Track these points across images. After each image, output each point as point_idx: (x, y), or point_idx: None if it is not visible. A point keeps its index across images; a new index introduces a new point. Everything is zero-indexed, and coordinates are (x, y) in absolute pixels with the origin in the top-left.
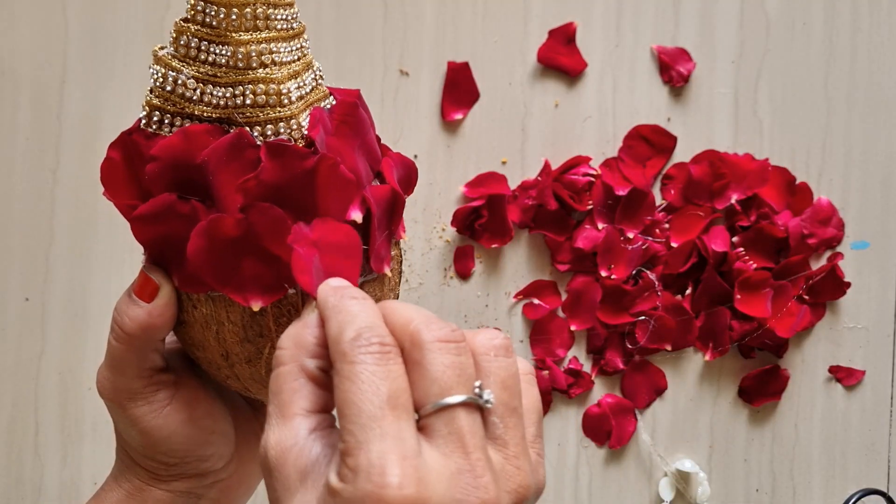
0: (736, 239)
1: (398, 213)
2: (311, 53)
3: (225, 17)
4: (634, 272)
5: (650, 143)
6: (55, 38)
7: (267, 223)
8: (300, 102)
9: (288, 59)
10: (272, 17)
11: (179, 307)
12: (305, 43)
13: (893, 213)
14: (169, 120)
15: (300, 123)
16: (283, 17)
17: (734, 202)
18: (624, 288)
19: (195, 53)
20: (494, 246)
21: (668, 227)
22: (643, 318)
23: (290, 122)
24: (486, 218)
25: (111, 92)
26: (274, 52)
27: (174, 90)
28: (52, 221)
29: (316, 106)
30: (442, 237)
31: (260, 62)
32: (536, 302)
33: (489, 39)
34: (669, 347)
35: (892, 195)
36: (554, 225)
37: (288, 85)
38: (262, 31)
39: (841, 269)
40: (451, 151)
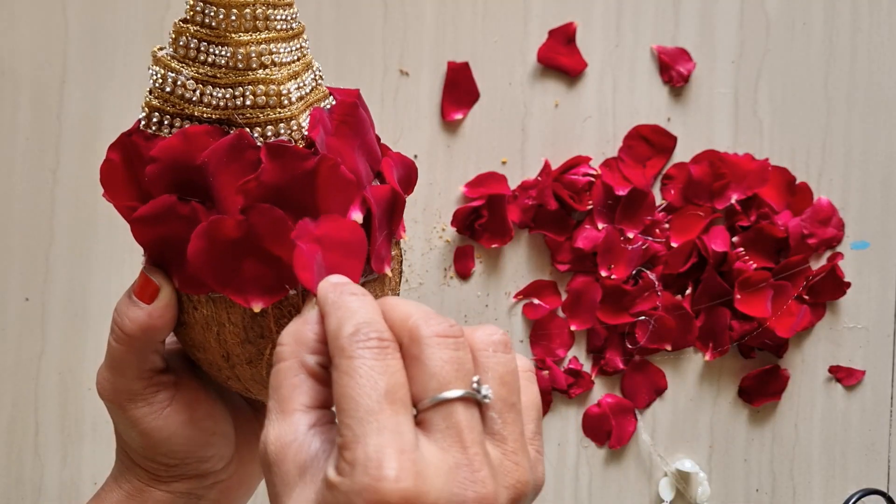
0: (736, 239)
1: (398, 212)
2: (310, 53)
3: (224, 17)
4: (634, 272)
5: (650, 143)
6: (55, 38)
7: (267, 224)
8: (300, 103)
9: (288, 59)
10: (272, 17)
11: (180, 308)
12: (305, 43)
13: (893, 213)
14: (168, 121)
15: (300, 124)
16: (282, 17)
17: (734, 202)
18: (624, 288)
19: (194, 54)
20: (494, 246)
21: (668, 227)
22: (643, 318)
23: (290, 122)
24: (486, 218)
25: (111, 92)
26: (274, 52)
27: (174, 91)
28: (52, 221)
29: (316, 106)
30: (442, 237)
31: (260, 63)
32: (536, 302)
33: (489, 39)
34: (669, 347)
35: (892, 195)
36: (554, 225)
37: (288, 85)
38: (261, 31)
39: (841, 269)
40: (451, 151)
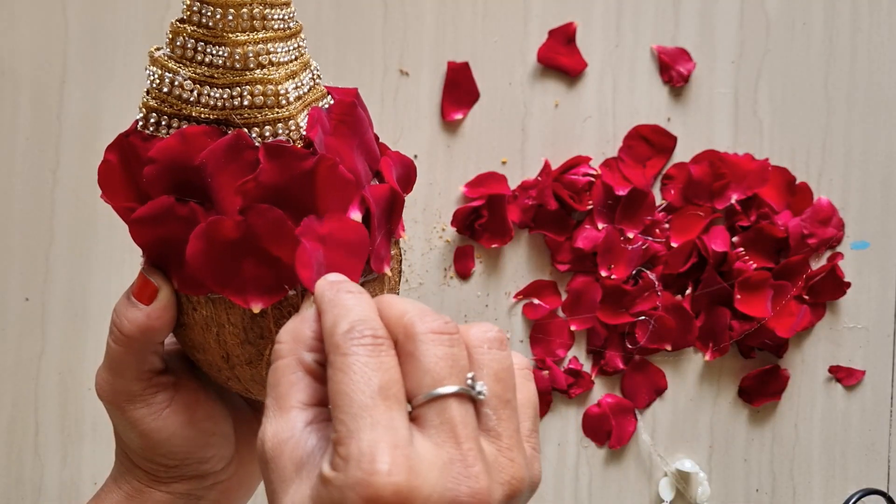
0: (736, 239)
1: (397, 212)
2: (308, 53)
3: (221, 17)
4: (634, 272)
5: (650, 143)
6: (55, 38)
7: (266, 225)
8: (298, 103)
9: (285, 59)
10: (269, 16)
11: (179, 309)
12: (302, 42)
13: (893, 213)
14: (166, 122)
15: (298, 124)
16: (279, 16)
17: (734, 202)
18: (624, 288)
19: (192, 54)
20: (494, 246)
21: (668, 227)
22: (643, 318)
23: (288, 122)
24: (486, 218)
25: (111, 92)
26: (271, 52)
27: (171, 91)
28: (52, 221)
29: (314, 106)
30: (442, 237)
31: (257, 62)
32: (536, 302)
33: (489, 39)
34: (669, 347)
35: (892, 195)
36: (554, 225)
37: (286, 85)
38: (258, 31)
39: (841, 269)
40: (451, 151)
